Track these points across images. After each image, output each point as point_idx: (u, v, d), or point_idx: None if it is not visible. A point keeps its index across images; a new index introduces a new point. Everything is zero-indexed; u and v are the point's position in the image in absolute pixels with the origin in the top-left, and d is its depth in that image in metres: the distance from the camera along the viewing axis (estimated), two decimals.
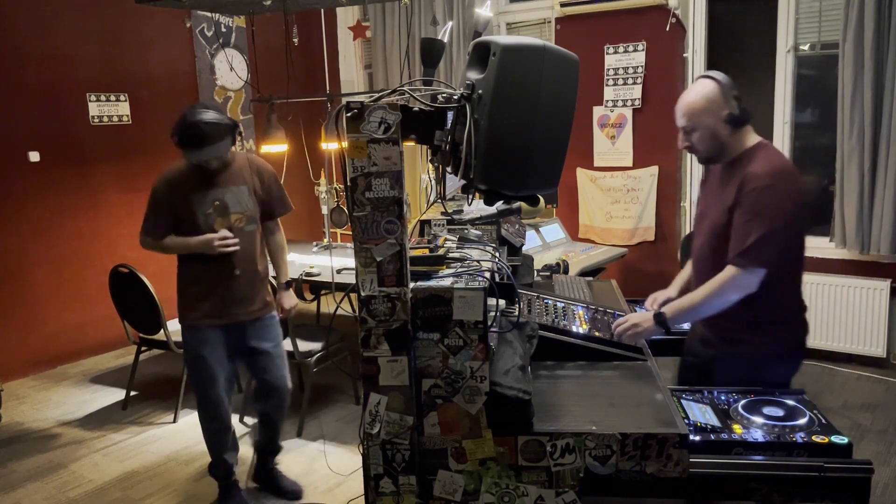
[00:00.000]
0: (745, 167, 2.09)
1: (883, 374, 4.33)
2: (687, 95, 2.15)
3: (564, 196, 5.41)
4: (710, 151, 2.16)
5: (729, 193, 2.10)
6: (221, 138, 2.68)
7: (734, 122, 2.10)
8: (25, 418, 4.14)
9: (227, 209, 2.81)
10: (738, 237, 2.04)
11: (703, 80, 2.14)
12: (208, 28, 5.72)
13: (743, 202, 2.04)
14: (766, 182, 2.02)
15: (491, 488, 1.67)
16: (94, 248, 5.09)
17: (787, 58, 4.60)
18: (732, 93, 2.11)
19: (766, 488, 1.63)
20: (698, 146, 2.16)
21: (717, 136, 2.12)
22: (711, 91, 2.10)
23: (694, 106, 2.11)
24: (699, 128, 2.12)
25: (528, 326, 1.98)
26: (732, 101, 2.10)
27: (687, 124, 2.14)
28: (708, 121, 2.10)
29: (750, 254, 2.01)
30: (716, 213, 2.16)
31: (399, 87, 1.61)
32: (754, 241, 2.00)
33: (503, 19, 5.67)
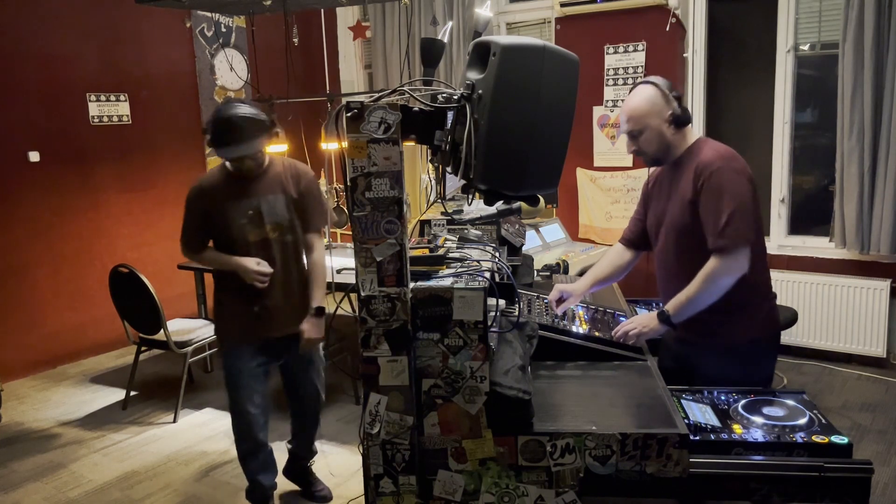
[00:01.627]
0: (692, 161, 2.16)
1: (883, 374, 4.33)
2: (630, 101, 2.22)
3: (564, 196, 5.41)
4: (658, 152, 2.24)
5: (684, 188, 2.16)
6: (255, 136, 2.53)
7: (677, 122, 2.19)
8: (25, 418, 4.14)
9: (262, 219, 2.65)
10: (712, 223, 2.08)
11: (643, 86, 2.22)
12: (208, 28, 5.72)
13: (703, 190, 2.10)
14: (719, 164, 2.10)
15: (491, 488, 1.67)
16: (94, 248, 5.09)
17: (787, 58, 4.60)
18: (672, 94, 2.19)
19: (766, 488, 1.63)
20: (646, 148, 2.23)
21: (663, 136, 2.20)
22: (653, 94, 2.19)
23: (639, 109, 2.19)
24: (645, 130, 2.19)
25: (528, 326, 1.98)
26: (673, 101, 2.19)
27: (634, 128, 2.21)
28: (653, 122, 2.18)
29: (728, 235, 2.05)
30: (674, 212, 2.21)
31: (399, 87, 1.61)
32: (727, 220, 2.05)
33: (503, 19, 5.67)
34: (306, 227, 2.76)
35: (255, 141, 2.53)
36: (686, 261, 2.17)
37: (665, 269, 2.32)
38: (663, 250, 2.30)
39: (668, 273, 2.30)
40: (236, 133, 2.48)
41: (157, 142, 5.38)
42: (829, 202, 4.53)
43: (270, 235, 2.67)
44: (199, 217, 2.68)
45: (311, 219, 2.76)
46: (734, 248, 2.05)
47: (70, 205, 4.96)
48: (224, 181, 2.65)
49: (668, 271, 2.29)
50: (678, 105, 2.19)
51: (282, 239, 2.70)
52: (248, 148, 2.52)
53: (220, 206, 2.63)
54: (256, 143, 2.54)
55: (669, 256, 2.27)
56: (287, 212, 2.69)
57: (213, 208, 2.64)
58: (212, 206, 2.65)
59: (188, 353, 4.05)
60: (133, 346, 4.25)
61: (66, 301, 4.97)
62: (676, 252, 2.23)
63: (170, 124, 5.48)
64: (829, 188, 4.59)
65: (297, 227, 2.73)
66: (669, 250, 2.26)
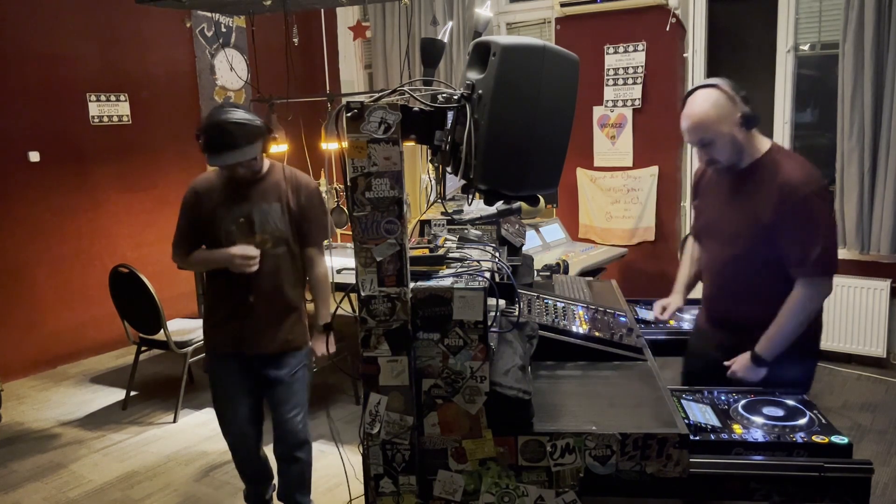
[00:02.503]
0: (772, 176, 2.04)
1: (883, 374, 4.33)
2: (694, 108, 2.05)
3: (564, 196, 5.41)
4: (732, 158, 2.10)
5: (761, 207, 2.04)
6: (248, 142, 2.39)
7: (748, 123, 2.05)
8: (25, 418, 4.14)
9: (253, 228, 2.51)
10: (799, 252, 2.01)
11: (706, 91, 2.06)
12: (208, 28, 5.72)
13: (790, 215, 1.99)
14: (809, 189, 2.00)
15: (491, 488, 1.67)
16: (94, 248, 5.09)
17: (787, 58, 4.60)
18: (740, 94, 2.05)
19: (766, 488, 1.63)
20: (720, 156, 2.09)
21: (736, 140, 2.06)
22: (718, 98, 2.03)
23: (707, 118, 2.03)
24: (718, 138, 2.04)
25: (528, 326, 1.98)
26: (740, 101, 2.05)
27: (704, 137, 2.06)
28: (724, 128, 2.03)
29: (818, 265, 2.00)
30: (739, 226, 2.10)
31: (399, 87, 1.61)
32: (820, 252, 1.99)
33: (503, 19, 5.67)
34: (305, 241, 2.63)
35: (248, 148, 2.40)
36: (745, 280, 2.12)
37: (716, 283, 2.25)
38: (717, 260, 2.22)
39: (720, 288, 2.24)
40: (228, 139, 2.35)
41: (157, 142, 5.38)
42: None
43: (261, 246, 2.52)
44: (189, 218, 2.57)
45: (310, 232, 2.63)
46: (823, 277, 2.02)
47: (70, 205, 4.96)
48: (219, 185, 2.55)
49: (721, 286, 2.23)
50: (745, 105, 2.04)
51: (273, 251, 2.54)
52: (240, 155, 2.39)
53: (211, 210, 2.52)
54: (249, 149, 2.41)
55: (724, 271, 2.20)
56: (281, 223, 2.54)
57: (204, 212, 2.53)
58: (203, 210, 2.53)
59: (188, 353, 4.05)
60: (133, 346, 4.25)
61: (66, 301, 4.97)
62: (731, 263, 2.15)
63: (170, 124, 5.48)
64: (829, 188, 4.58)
65: (291, 240, 2.59)
66: (727, 266, 2.18)
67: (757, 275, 2.10)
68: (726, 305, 2.22)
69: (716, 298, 2.25)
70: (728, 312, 2.22)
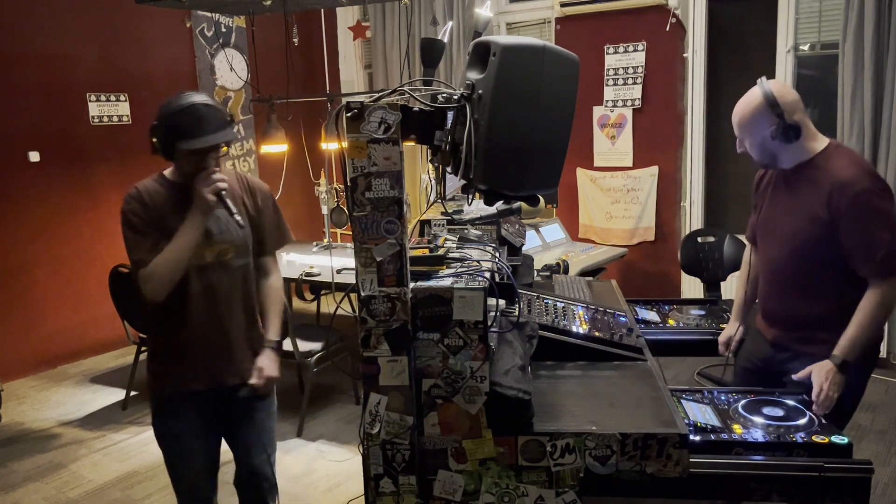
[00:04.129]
0: (825, 174, 2.03)
1: (883, 374, 4.33)
2: (739, 105, 2.12)
3: (564, 196, 5.41)
4: (763, 160, 2.15)
5: (814, 204, 2.04)
6: (228, 123, 2.15)
7: (783, 137, 2.04)
8: (25, 418, 4.14)
9: (212, 238, 2.16)
10: (865, 250, 1.98)
11: (753, 91, 2.09)
12: (208, 28, 5.72)
13: (848, 212, 1.98)
14: (865, 185, 1.98)
15: (491, 488, 1.67)
16: (94, 248, 5.10)
17: (787, 58, 4.60)
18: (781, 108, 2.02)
19: (766, 488, 1.63)
20: (751, 153, 2.15)
21: (766, 147, 2.09)
22: (757, 105, 2.06)
23: (742, 117, 2.10)
24: (748, 137, 2.12)
25: (528, 326, 1.98)
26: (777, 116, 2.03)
27: (738, 133, 2.14)
28: (756, 132, 2.08)
29: (889, 264, 1.97)
30: (794, 224, 2.10)
31: (399, 87, 1.61)
32: (887, 250, 1.96)
33: (503, 19, 5.67)
34: (262, 249, 2.33)
35: (229, 128, 2.15)
36: (802, 278, 2.11)
37: (773, 282, 2.24)
38: (774, 260, 2.21)
39: (776, 287, 2.22)
40: (213, 115, 2.08)
41: None
42: None
43: (221, 258, 2.18)
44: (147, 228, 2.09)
45: (266, 239, 2.33)
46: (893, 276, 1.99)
47: (70, 205, 4.96)
48: (164, 192, 2.15)
49: (777, 285, 2.21)
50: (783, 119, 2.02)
51: (235, 262, 2.21)
52: (225, 135, 2.11)
53: (159, 220, 2.10)
54: (230, 130, 2.16)
55: (781, 270, 2.18)
56: (242, 230, 2.20)
57: (153, 224, 2.10)
58: (152, 221, 2.11)
59: None
60: (133, 346, 4.25)
61: (66, 301, 4.97)
62: (791, 268, 2.14)
63: None
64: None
65: (250, 249, 2.28)
66: (783, 264, 2.17)
67: (813, 272, 2.09)
68: (782, 304, 2.20)
69: (772, 296, 2.23)
70: (785, 310, 2.20)
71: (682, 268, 4.39)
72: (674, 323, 2.58)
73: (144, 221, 2.09)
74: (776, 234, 2.19)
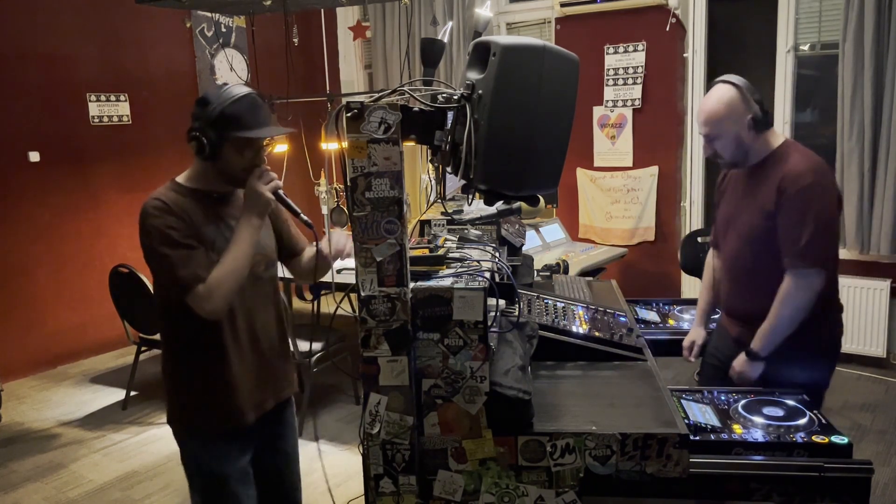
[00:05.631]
0: (778, 168, 2.07)
1: (883, 374, 4.33)
2: (707, 103, 2.11)
3: (564, 196, 5.41)
4: (735, 157, 2.15)
5: (765, 197, 2.08)
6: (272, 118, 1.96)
7: (758, 126, 2.08)
8: (25, 418, 4.14)
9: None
10: (790, 240, 2.02)
11: (722, 86, 2.10)
12: (208, 28, 5.72)
13: (787, 205, 2.02)
14: (808, 181, 2.01)
15: (491, 488, 1.67)
16: (95, 248, 5.10)
17: (787, 58, 4.60)
18: (754, 96, 2.08)
19: (766, 488, 1.63)
20: (722, 153, 2.14)
21: (742, 141, 2.10)
22: (732, 97, 2.07)
23: (716, 114, 2.09)
24: (723, 135, 2.10)
25: (528, 326, 1.98)
26: (754, 104, 2.08)
27: (710, 132, 2.12)
28: (732, 127, 2.08)
29: (807, 255, 2.00)
30: (750, 218, 2.14)
31: (399, 87, 1.61)
32: (807, 241, 1.99)
33: (503, 19, 5.67)
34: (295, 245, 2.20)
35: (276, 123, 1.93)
36: (758, 272, 2.13)
37: (733, 277, 2.27)
38: (733, 257, 2.24)
39: (735, 281, 2.25)
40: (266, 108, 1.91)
41: (157, 142, 5.38)
42: None
43: (255, 270, 1.96)
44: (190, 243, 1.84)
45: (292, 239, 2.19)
46: (810, 269, 2.01)
47: (70, 205, 4.96)
48: (189, 200, 1.89)
49: (737, 280, 2.24)
50: (759, 108, 2.08)
51: (266, 273, 2.04)
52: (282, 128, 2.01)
53: (198, 232, 1.86)
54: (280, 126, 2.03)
55: (739, 264, 2.22)
56: (268, 237, 2.06)
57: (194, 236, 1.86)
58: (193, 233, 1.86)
59: None
60: (133, 346, 4.25)
61: (66, 301, 4.97)
62: (748, 262, 2.18)
63: (170, 124, 5.48)
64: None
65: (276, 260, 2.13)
66: (740, 258, 2.21)
67: (770, 267, 2.10)
68: (742, 299, 2.23)
69: (733, 293, 2.26)
70: (744, 307, 2.23)
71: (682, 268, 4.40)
72: (674, 323, 2.58)
73: (185, 234, 1.83)
74: (735, 230, 2.22)
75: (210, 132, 1.83)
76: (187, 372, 1.96)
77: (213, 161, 1.87)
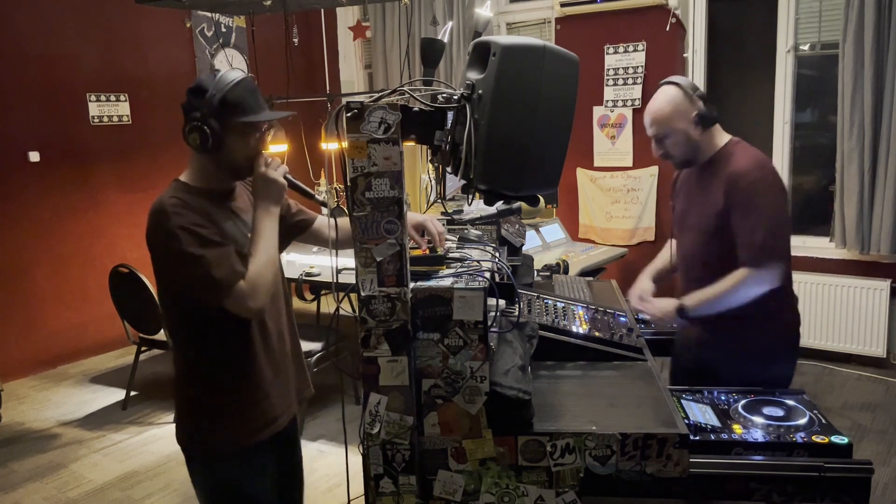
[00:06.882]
0: (724, 167, 2.13)
1: (883, 374, 4.33)
2: (653, 104, 2.18)
3: (564, 196, 5.41)
4: (686, 154, 2.20)
5: (715, 196, 2.13)
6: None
7: (704, 122, 2.14)
8: (25, 418, 4.14)
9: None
10: (746, 237, 2.06)
11: (666, 87, 2.18)
12: (208, 28, 5.72)
13: (737, 202, 2.07)
14: (755, 176, 2.06)
15: (491, 488, 1.67)
16: (94, 248, 5.10)
17: (787, 58, 4.60)
18: (696, 93, 2.14)
19: (766, 488, 1.63)
20: (673, 151, 2.20)
21: (690, 138, 2.16)
22: (676, 95, 2.14)
23: (662, 113, 2.15)
24: (671, 133, 2.16)
25: (528, 326, 1.98)
26: (698, 101, 2.14)
27: (658, 132, 2.18)
28: (679, 125, 2.14)
29: (763, 251, 2.04)
30: (701, 215, 2.19)
31: (399, 87, 1.61)
32: (763, 236, 2.03)
33: (503, 19, 5.67)
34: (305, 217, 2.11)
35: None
36: (711, 267, 2.16)
37: (688, 273, 2.31)
38: (688, 254, 2.29)
39: (690, 277, 2.29)
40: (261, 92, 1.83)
41: (157, 142, 5.38)
42: (829, 202, 4.53)
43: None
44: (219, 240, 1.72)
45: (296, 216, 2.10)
46: (768, 264, 2.05)
47: (70, 205, 4.96)
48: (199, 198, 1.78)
49: (691, 275, 2.28)
50: (703, 104, 2.14)
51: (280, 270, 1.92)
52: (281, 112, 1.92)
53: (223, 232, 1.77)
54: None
55: (693, 260, 2.26)
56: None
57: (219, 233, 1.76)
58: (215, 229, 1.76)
59: None
60: (133, 346, 4.25)
61: (66, 301, 4.97)
62: (701, 257, 2.22)
63: (170, 124, 5.48)
64: (829, 188, 4.59)
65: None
66: (695, 256, 2.25)
67: (722, 265, 2.14)
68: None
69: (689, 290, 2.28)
70: None
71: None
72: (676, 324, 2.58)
73: (213, 231, 1.72)
74: (689, 229, 2.26)
75: (212, 121, 1.70)
76: (215, 385, 1.81)
77: (215, 153, 1.75)
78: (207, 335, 1.79)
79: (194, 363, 1.83)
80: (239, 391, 1.81)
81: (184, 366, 1.86)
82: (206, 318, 1.75)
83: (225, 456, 1.83)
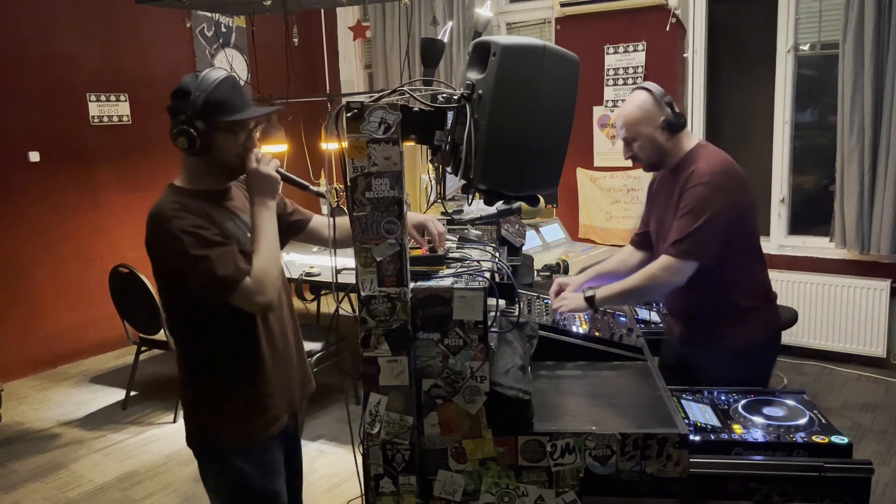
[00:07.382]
0: (686, 171, 2.18)
1: (883, 374, 4.33)
2: (624, 108, 2.24)
3: (564, 196, 5.41)
4: (653, 158, 2.25)
5: (676, 199, 2.18)
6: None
7: (671, 128, 2.19)
8: (25, 418, 4.14)
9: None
10: (676, 229, 2.11)
11: (637, 92, 2.23)
12: (208, 28, 5.72)
13: (682, 200, 2.13)
14: (705, 178, 2.10)
15: (491, 488, 1.67)
16: (95, 248, 5.09)
17: (787, 58, 4.60)
18: (665, 100, 2.20)
19: (766, 488, 1.63)
20: (641, 155, 2.25)
21: (657, 142, 2.21)
22: (646, 101, 2.20)
23: (631, 117, 2.21)
24: (639, 137, 2.21)
25: (528, 326, 1.98)
26: (666, 107, 2.19)
27: (627, 135, 2.24)
28: (646, 129, 2.20)
29: (684, 245, 2.08)
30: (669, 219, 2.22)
31: (399, 87, 1.61)
32: (689, 233, 2.08)
33: (503, 19, 5.67)
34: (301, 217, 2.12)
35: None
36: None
37: None
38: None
39: None
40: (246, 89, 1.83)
41: (157, 142, 5.38)
42: (829, 202, 4.53)
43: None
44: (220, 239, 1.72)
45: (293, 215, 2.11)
46: (683, 259, 2.09)
47: (70, 205, 4.95)
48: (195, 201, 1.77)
49: None
50: (671, 111, 2.20)
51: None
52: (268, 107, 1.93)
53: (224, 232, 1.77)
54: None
55: None
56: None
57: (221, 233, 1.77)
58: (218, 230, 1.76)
59: None
60: (133, 346, 4.25)
61: (66, 301, 4.97)
62: None
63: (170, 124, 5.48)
64: (829, 188, 4.59)
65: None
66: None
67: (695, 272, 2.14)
68: (680, 298, 2.27)
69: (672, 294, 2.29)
70: (682, 305, 2.31)
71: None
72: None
73: (214, 232, 1.72)
74: (662, 233, 2.28)
75: (198, 123, 1.70)
76: (222, 384, 1.82)
77: (205, 154, 1.74)
78: (212, 336, 1.79)
79: (199, 364, 1.83)
80: (246, 389, 1.82)
81: (189, 368, 1.86)
82: (211, 319, 1.75)
83: (236, 454, 1.83)
